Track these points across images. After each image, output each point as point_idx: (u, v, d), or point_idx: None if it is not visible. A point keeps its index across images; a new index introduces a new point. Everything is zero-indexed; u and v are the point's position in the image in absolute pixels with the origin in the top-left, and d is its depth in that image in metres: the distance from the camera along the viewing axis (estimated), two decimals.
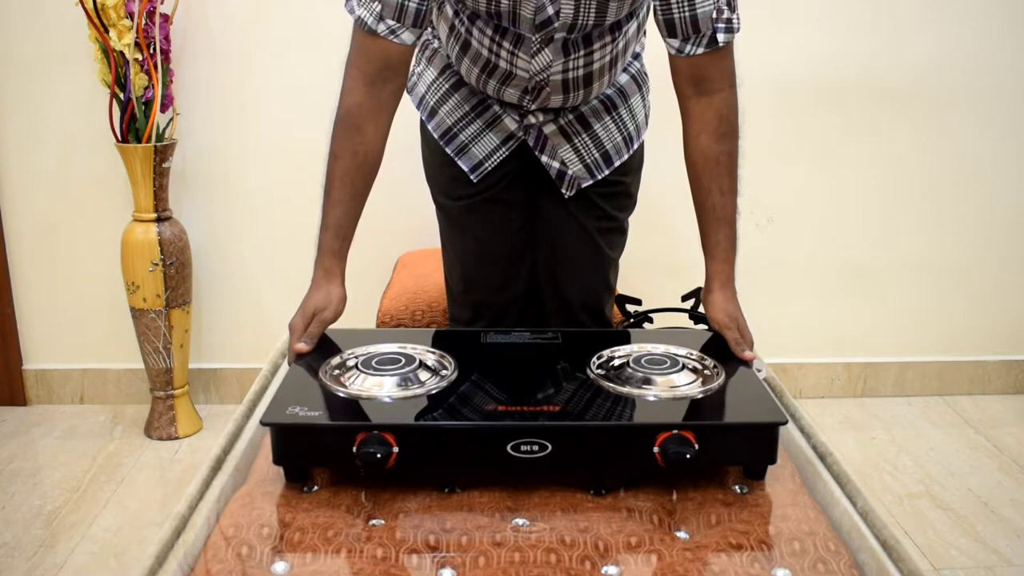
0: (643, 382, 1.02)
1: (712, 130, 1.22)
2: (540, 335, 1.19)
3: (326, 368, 1.05)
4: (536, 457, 0.92)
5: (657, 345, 1.13)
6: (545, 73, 1.30)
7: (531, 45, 1.26)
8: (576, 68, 1.31)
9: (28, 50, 2.22)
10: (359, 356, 1.08)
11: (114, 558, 1.78)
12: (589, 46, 1.29)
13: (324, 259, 1.22)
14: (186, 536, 0.86)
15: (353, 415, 0.95)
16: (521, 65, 1.29)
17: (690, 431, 0.92)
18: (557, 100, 1.36)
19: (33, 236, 2.35)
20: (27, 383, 2.45)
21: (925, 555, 1.83)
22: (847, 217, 2.46)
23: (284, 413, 0.94)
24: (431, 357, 1.09)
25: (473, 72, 1.36)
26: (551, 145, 1.42)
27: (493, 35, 1.28)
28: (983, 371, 2.60)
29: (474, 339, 1.18)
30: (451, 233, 1.53)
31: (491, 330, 1.21)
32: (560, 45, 1.27)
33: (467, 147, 1.43)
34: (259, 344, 2.36)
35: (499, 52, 1.29)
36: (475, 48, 1.32)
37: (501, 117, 1.41)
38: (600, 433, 0.94)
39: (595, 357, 1.09)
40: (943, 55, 2.35)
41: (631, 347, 1.13)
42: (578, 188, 1.44)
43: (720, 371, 1.05)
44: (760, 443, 0.95)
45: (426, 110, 1.47)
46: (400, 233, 2.26)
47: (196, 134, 2.29)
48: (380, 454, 0.90)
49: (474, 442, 0.93)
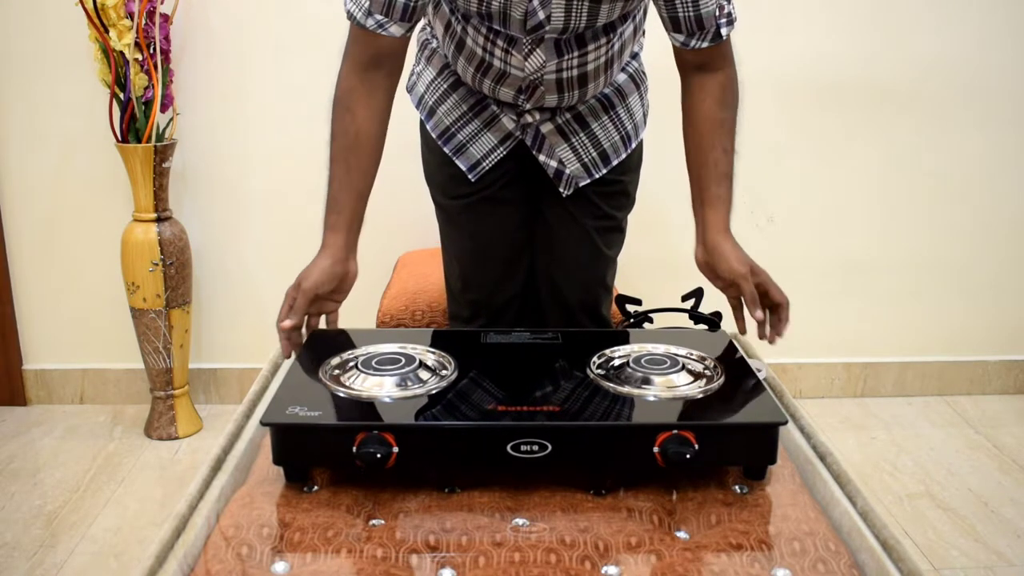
0: (643, 382, 1.02)
1: (716, 97, 1.26)
2: (540, 335, 1.19)
3: (326, 368, 1.05)
4: (536, 457, 0.92)
5: (657, 345, 1.13)
6: (539, 73, 1.31)
7: (523, 46, 1.27)
8: (570, 68, 1.32)
9: (28, 50, 2.22)
10: (359, 356, 1.08)
11: (114, 558, 1.78)
12: (583, 47, 1.30)
13: (323, 234, 1.26)
14: (186, 536, 0.86)
15: (353, 415, 0.95)
16: (515, 64, 1.30)
17: (690, 431, 0.92)
18: (552, 100, 1.36)
19: (33, 236, 2.35)
20: (27, 383, 2.45)
21: (925, 555, 1.83)
22: (847, 217, 2.46)
23: (284, 413, 0.93)
24: (431, 357, 1.09)
25: (468, 71, 1.36)
26: (548, 144, 1.42)
27: (487, 35, 1.29)
28: (983, 371, 2.60)
29: (474, 339, 1.18)
30: (449, 232, 1.54)
31: (491, 330, 1.21)
32: (552, 45, 1.28)
33: (465, 147, 1.43)
34: (259, 344, 2.36)
35: (493, 52, 1.30)
36: (470, 47, 1.32)
37: (499, 116, 1.41)
38: (600, 433, 0.94)
39: (595, 357, 1.09)
40: (943, 55, 2.35)
41: (631, 347, 1.13)
42: (576, 187, 1.44)
43: (720, 371, 1.05)
44: (760, 443, 0.95)
45: (425, 109, 1.47)
46: (400, 233, 2.26)
47: (196, 134, 2.29)
48: (380, 454, 0.90)
49: (474, 442, 0.93)
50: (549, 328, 1.34)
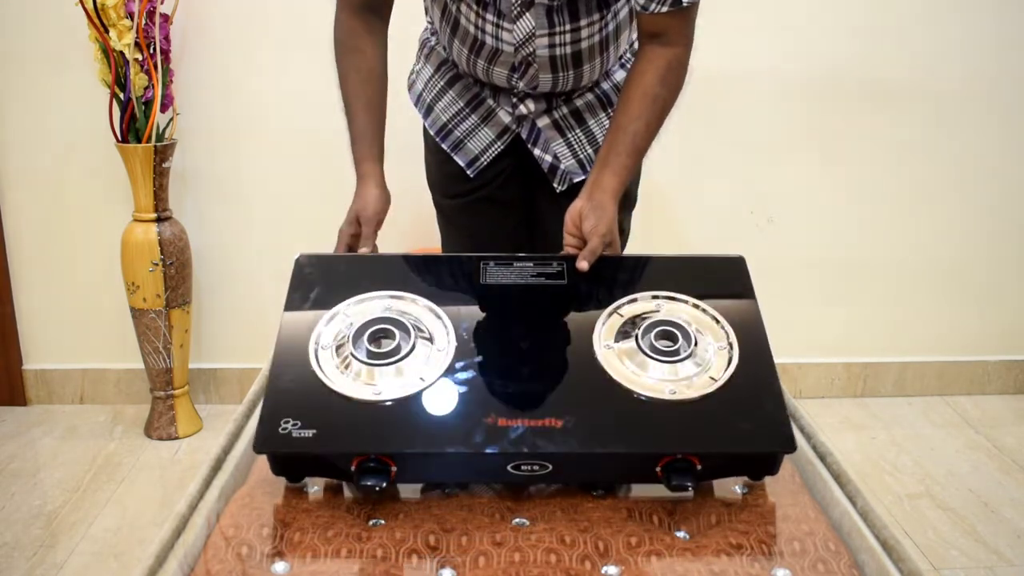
0: (653, 371, 0.96)
1: (659, 73, 1.23)
2: (545, 268, 1.09)
3: (316, 345, 0.98)
4: (536, 475, 0.91)
5: (675, 302, 1.03)
6: (530, 46, 1.30)
7: (513, 8, 1.27)
8: (563, 44, 1.31)
9: (28, 50, 2.22)
10: (352, 320, 0.99)
11: (114, 558, 1.78)
12: (576, 20, 1.29)
13: (358, 168, 1.28)
14: (186, 536, 0.86)
15: (349, 440, 0.91)
16: (506, 39, 1.30)
17: (695, 456, 0.90)
18: (546, 80, 1.35)
19: (33, 236, 2.35)
20: (27, 383, 2.45)
21: (925, 555, 1.83)
22: (847, 217, 2.46)
23: (277, 432, 0.89)
24: (425, 323, 1.00)
25: (464, 53, 1.37)
26: (544, 139, 1.42)
27: (478, 10, 1.30)
28: (983, 371, 2.60)
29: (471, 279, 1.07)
30: (449, 233, 1.55)
31: (491, 259, 1.10)
32: (544, 12, 1.27)
33: (463, 142, 1.44)
34: (259, 344, 2.36)
35: (484, 28, 1.30)
36: (463, 26, 1.33)
37: (495, 111, 1.42)
38: (603, 458, 0.92)
39: (603, 321, 1.01)
40: (943, 55, 2.35)
41: (646, 303, 1.03)
42: (570, 183, 1.44)
43: (735, 349, 0.98)
44: (764, 462, 0.95)
45: (423, 107, 1.48)
46: (400, 233, 2.26)
47: (196, 134, 2.29)
48: (377, 479, 0.88)
49: (474, 464, 0.92)
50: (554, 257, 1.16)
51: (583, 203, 1.19)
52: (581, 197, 1.21)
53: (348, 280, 1.05)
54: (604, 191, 1.20)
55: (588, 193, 1.21)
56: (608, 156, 1.22)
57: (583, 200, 1.20)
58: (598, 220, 1.16)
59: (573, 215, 1.19)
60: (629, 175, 1.23)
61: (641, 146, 1.23)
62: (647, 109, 1.22)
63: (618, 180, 1.21)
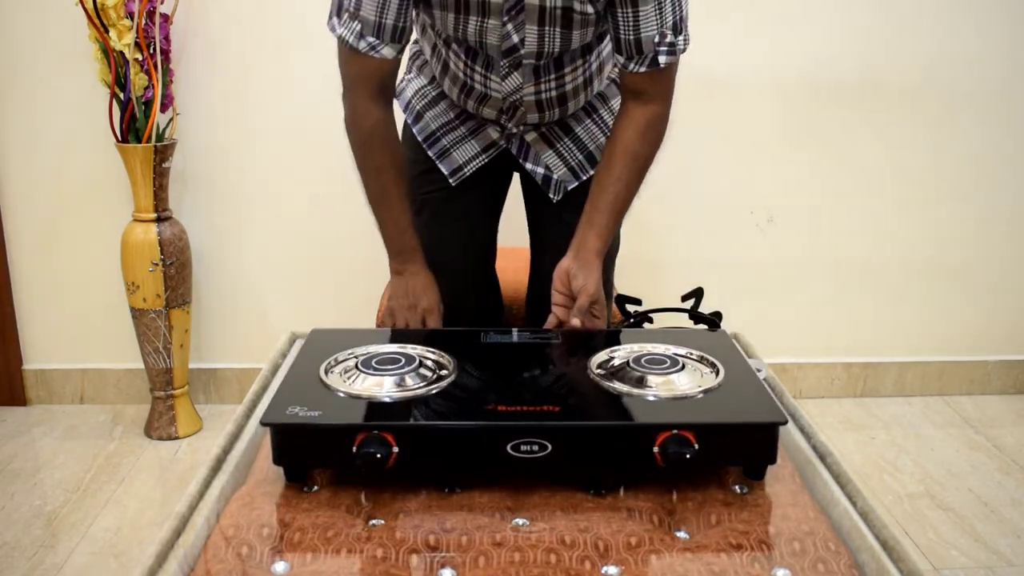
0: (643, 382, 1.02)
1: (639, 129, 1.28)
2: (540, 335, 1.20)
3: (325, 368, 1.05)
4: (536, 457, 0.92)
5: (657, 345, 1.13)
6: (518, 94, 1.34)
7: (501, 69, 1.31)
8: (549, 90, 1.36)
9: (28, 50, 2.22)
10: (359, 356, 1.08)
11: (114, 558, 1.78)
12: (560, 70, 1.33)
13: (409, 258, 1.34)
14: (186, 536, 0.86)
15: (353, 415, 0.95)
16: (494, 88, 1.34)
17: (689, 431, 0.92)
18: (534, 118, 1.40)
19: (33, 236, 2.35)
20: (27, 383, 2.45)
21: (925, 555, 1.83)
22: (847, 217, 2.46)
23: (284, 413, 0.93)
24: (431, 357, 1.09)
25: (454, 91, 1.40)
26: (534, 152, 1.45)
27: (466, 58, 1.32)
28: (983, 371, 2.60)
29: (474, 339, 1.18)
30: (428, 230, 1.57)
31: (491, 329, 1.21)
32: (531, 70, 1.31)
33: (448, 151, 1.46)
34: (259, 344, 2.36)
35: (473, 75, 1.34)
36: (452, 70, 1.36)
37: (484, 126, 1.45)
38: (600, 433, 0.94)
39: (595, 357, 1.09)
40: (943, 55, 2.35)
41: (631, 347, 1.13)
42: (565, 192, 1.46)
43: (720, 371, 1.05)
44: (760, 443, 0.95)
45: (412, 113, 1.50)
46: None
47: (196, 134, 2.29)
48: (380, 454, 0.90)
49: (474, 442, 0.93)
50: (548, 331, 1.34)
51: (570, 263, 1.27)
52: (568, 257, 1.28)
53: (358, 338, 1.16)
54: (589, 251, 1.27)
55: (575, 252, 1.28)
56: (592, 216, 1.29)
57: (570, 260, 1.28)
58: (586, 279, 1.25)
59: (561, 274, 1.28)
60: (611, 234, 1.30)
61: (621, 207, 1.30)
62: (627, 168, 1.28)
63: (602, 241, 1.28)
